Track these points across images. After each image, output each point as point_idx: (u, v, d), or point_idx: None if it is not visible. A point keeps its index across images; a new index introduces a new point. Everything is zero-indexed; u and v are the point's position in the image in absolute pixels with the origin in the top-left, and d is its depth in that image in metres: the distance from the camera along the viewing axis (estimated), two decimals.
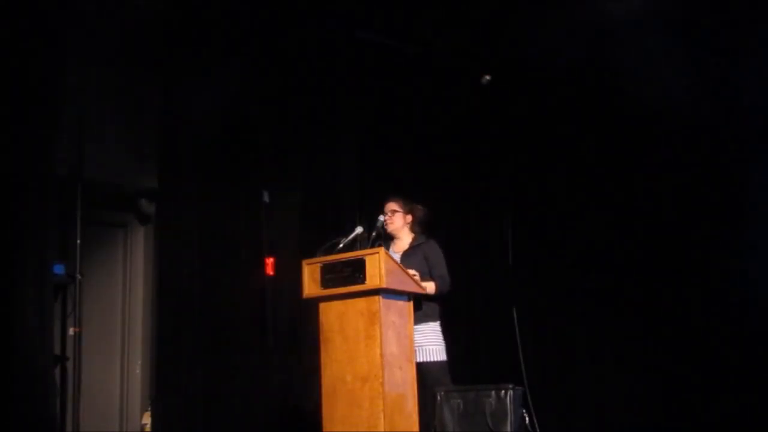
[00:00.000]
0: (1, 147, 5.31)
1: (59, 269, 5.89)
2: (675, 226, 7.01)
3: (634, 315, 7.18)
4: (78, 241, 5.96)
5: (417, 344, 5.36)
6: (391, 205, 5.80)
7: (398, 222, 5.79)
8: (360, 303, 5.01)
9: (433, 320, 5.61)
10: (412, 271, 5.34)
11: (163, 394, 6.06)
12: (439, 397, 5.28)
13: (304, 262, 5.25)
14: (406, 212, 5.81)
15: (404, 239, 5.82)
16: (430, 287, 5.51)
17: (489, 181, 7.54)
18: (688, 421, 6.75)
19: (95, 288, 6.67)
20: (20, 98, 5.39)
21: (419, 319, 5.45)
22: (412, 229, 5.83)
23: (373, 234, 5.72)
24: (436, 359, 5.56)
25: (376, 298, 4.96)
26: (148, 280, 6.98)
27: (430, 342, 5.55)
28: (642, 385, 7.14)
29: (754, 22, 6.53)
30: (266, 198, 6.56)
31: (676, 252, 7.01)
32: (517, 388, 5.20)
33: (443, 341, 5.63)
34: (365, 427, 4.86)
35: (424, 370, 5.40)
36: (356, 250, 5.38)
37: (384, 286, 4.95)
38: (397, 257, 5.66)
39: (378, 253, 4.99)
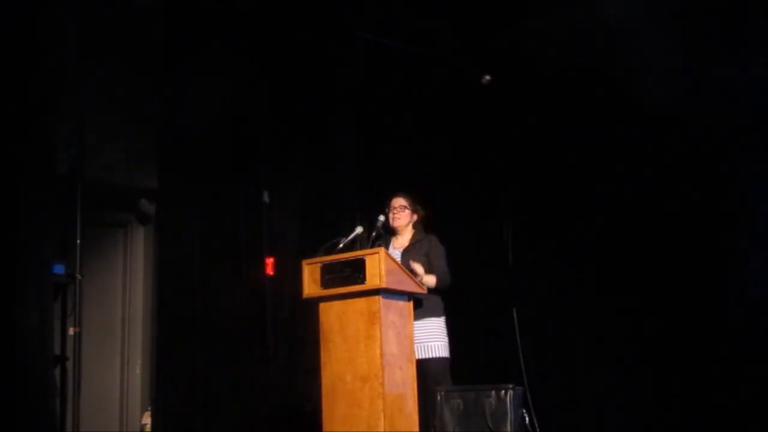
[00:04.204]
0: (2, 146, 5.30)
1: (59, 269, 5.88)
2: (676, 226, 7.00)
3: (635, 315, 7.18)
4: (78, 241, 5.97)
5: (417, 341, 5.34)
6: (400, 201, 5.80)
7: (405, 218, 5.78)
8: (360, 303, 5.01)
9: (436, 315, 5.57)
10: (417, 266, 5.34)
11: (163, 394, 6.06)
12: (439, 397, 5.27)
13: (304, 262, 5.25)
14: (414, 210, 5.81)
15: (405, 236, 5.82)
16: (431, 280, 5.49)
17: (489, 180, 7.53)
18: (688, 421, 6.75)
19: (95, 288, 6.67)
20: (20, 98, 5.39)
21: (419, 314, 5.43)
22: (414, 226, 5.83)
23: (373, 234, 5.71)
24: (435, 356, 5.51)
25: (376, 298, 4.97)
26: (148, 280, 6.99)
27: (429, 338, 5.51)
28: (642, 385, 7.14)
29: (755, 21, 6.53)
30: (266, 198, 6.56)
31: (677, 252, 7.00)
32: (517, 388, 5.20)
33: (446, 337, 5.59)
34: (365, 427, 4.86)
35: (423, 367, 5.37)
36: (356, 250, 5.38)
37: (384, 286, 4.95)
38: (398, 254, 5.66)
39: (378, 253, 4.99)
